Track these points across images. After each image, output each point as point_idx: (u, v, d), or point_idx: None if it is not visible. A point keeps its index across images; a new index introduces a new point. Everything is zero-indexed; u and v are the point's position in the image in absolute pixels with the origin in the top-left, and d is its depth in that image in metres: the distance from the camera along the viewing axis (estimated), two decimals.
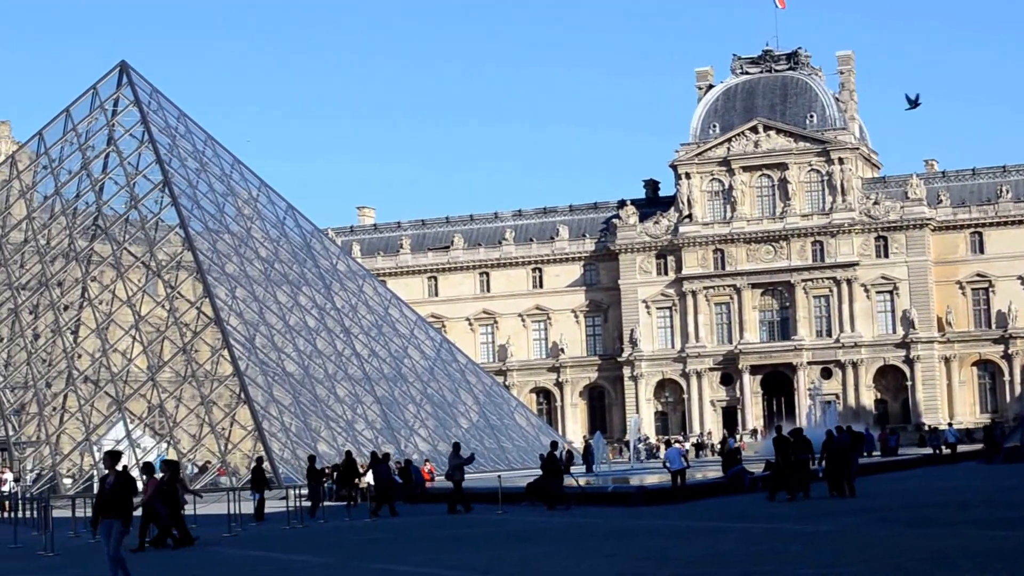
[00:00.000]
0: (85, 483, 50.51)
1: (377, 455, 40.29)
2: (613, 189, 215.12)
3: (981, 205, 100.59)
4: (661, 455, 60.31)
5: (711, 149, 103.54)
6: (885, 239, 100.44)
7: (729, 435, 78.02)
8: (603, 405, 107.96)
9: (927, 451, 65.99)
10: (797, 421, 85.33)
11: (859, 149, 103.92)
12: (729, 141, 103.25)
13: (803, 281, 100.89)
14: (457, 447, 38.66)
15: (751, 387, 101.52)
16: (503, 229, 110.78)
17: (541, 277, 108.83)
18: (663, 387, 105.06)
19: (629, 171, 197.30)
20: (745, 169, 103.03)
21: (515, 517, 32.97)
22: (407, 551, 25.28)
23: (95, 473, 48.52)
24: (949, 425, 78.82)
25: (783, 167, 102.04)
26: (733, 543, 23.22)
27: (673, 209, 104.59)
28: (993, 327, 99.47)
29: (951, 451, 63.47)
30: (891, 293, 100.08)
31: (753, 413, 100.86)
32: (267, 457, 45.93)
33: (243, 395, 50.79)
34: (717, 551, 22.02)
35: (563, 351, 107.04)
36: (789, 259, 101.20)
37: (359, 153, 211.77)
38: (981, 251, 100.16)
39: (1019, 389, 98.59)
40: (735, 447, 50.24)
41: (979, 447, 61.82)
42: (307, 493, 38.49)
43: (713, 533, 25.78)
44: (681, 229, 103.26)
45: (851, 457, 35.91)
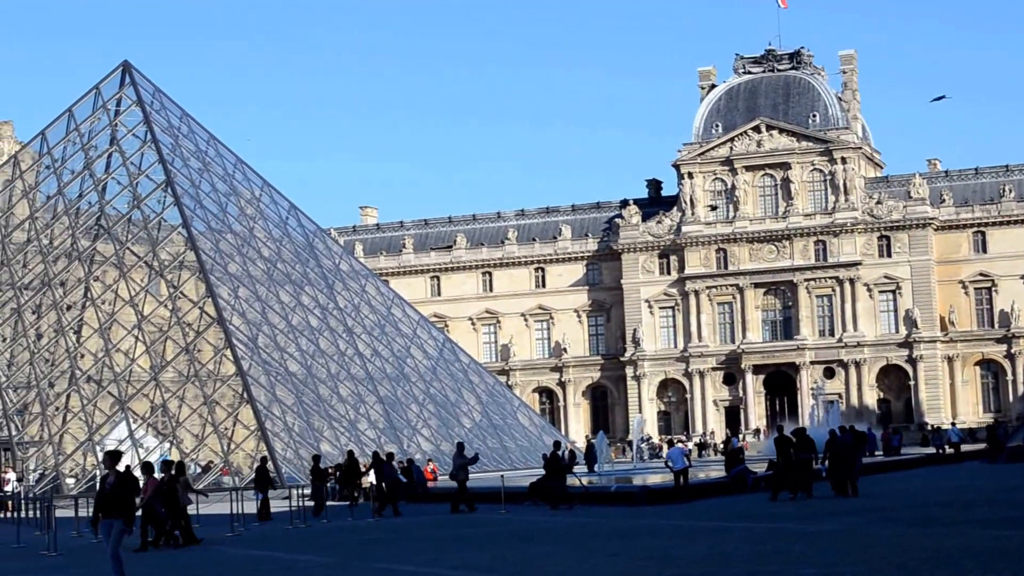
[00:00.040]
0: (88, 483, 50.53)
1: (379, 455, 40.29)
2: (616, 189, 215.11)
3: (984, 204, 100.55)
4: (664, 455, 60.25)
5: (714, 149, 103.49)
6: (888, 238, 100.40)
7: (732, 435, 78.03)
8: (606, 405, 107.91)
9: (930, 451, 65.91)
10: (800, 421, 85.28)
11: (862, 148, 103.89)
12: (732, 141, 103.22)
13: (806, 281, 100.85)
14: (461, 447, 38.64)
15: (754, 387, 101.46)
16: (506, 229, 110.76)
17: (544, 277, 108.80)
18: (666, 387, 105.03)
19: (632, 171, 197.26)
20: (748, 169, 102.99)
21: (518, 517, 32.97)
22: (410, 551, 25.28)
23: (98, 473, 48.52)
24: (952, 425, 78.75)
25: (786, 167, 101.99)
26: (736, 543, 23.22)
27: (676, 209, 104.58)
28: (996, 327, 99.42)
29: (954, 451, 63.34)
30: (894, 293, 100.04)
31: (756, 413, 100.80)
32: (270, 457, 45.93)
33: (246, 395, 50.80)
34: (720, 551, 22.02)
35: (566, 351, 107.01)
36: (792, 259, 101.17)
37: (362, 153, 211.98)
38: (984, 251, 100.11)
39: (1022, 389, 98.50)
40: (738, 447, 50.18)
41: (982, 447, 61.75)
42: (310, 493, 38.49)
43: (716, 533, 25.78)
44: (684, 229, 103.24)
45: (854, 457, 35.91)
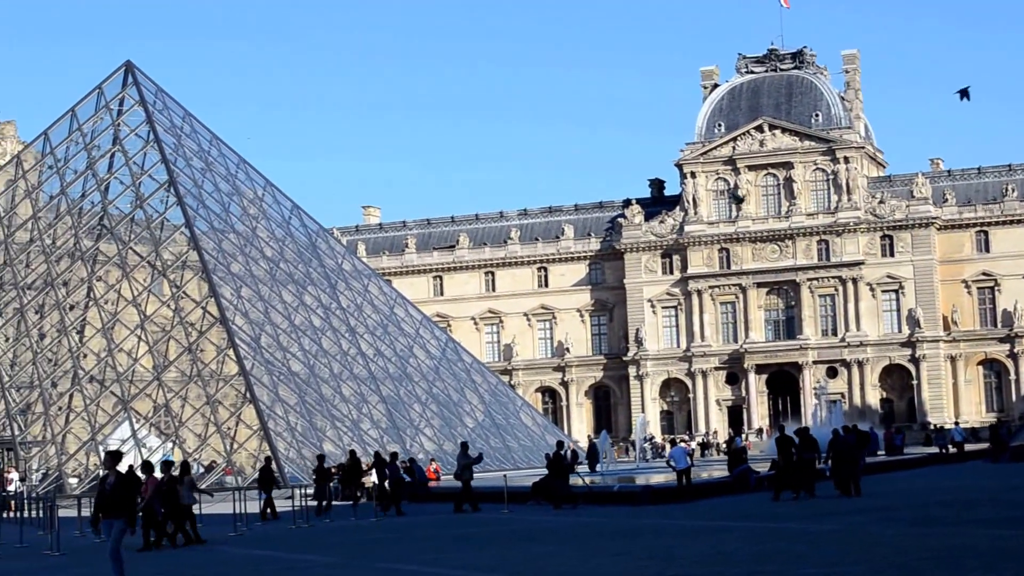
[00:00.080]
0: (91, 483, 50.50)
1: (381, 455, 40.28)
2: (618, 188, 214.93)
3: (987, 204, 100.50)
4: (666, 454, 60.24)
5: (716, 148, 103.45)
6: (891, 238, 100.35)
7: (735, 435, 77.95)
8: (609, 404, 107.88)
9: (933, 450, 65.88)
10: (803, 420, 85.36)
11: (864, 148, 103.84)
12: (734, 140, 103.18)
13: (809, 280, 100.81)
14: (465, 446, 38.64)
15: (757, 386, 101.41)
16: (508, 228, 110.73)
17: (546, 276, 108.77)
18: (668, 386, 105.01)
19: (634, 170, 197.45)
20: (750, 168, 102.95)
21: (521, 516, 32.97)
22: (412, 550, 25.28)
23: (100, 473, 48.55)
24: (956, 424, 78.68)
25: (788, 166, 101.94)
26: (738, 542, 23.21)
27: (678, 208, 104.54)
28: (999, 326, 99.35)
29: (957, 450, 63.27)
30: (897, 292, 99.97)
31: (759, 412, 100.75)
32: (273, 456, 45.93)
33: (248, 395, 50.83)
34: (722, 550, 22.01)
35: (568, 350, 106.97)
36: (794, 258, 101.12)
37: (364, 153, 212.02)
38: (987, 250, 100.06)
39: None
40: (741, 446, 50.16)
41: (985, 446, 61.69)
42: (313, 492, 38.48)
43: (718, 532, 25.77)
44: (686, 228, 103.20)
45: (857, 456, 35.89)
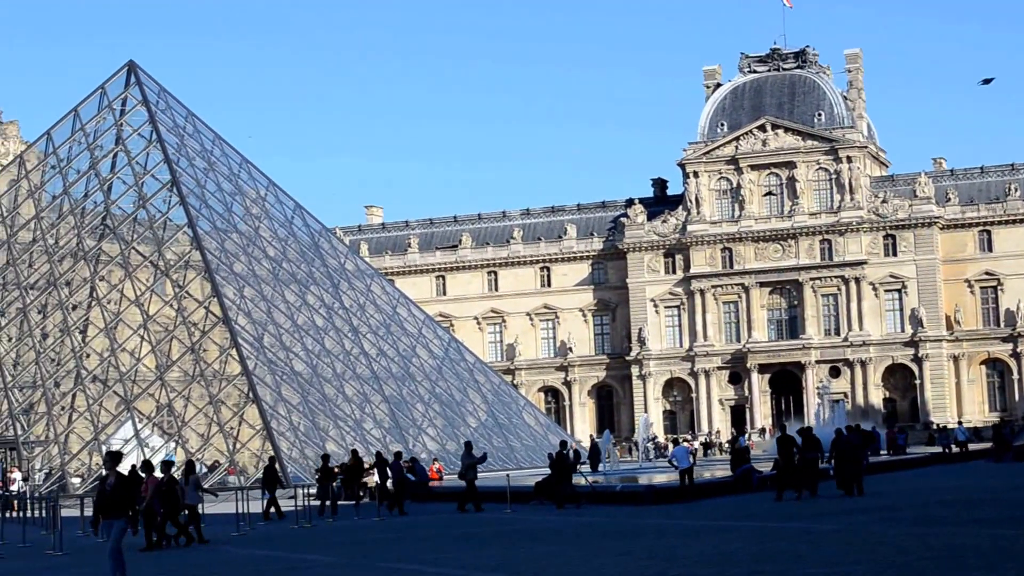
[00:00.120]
0: (93, 483, 50.52)
1: (382, 455, 40.27)
2: (621, 188, 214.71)
3: (989, 203, 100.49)
4: (669, 454, 60.25)
5: (719, 148, 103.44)
6: (893, 237, 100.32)
7: (738, 434, 77.97)
8: (611, 404, 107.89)
9: (936, 450, 65.81)
10: (805, 420, 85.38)
11: (867, 147, 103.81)
12: (737, 140, 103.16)
13: (811, 280, 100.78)
14: (469, 446, 38.62)
15: (759, 386, 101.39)
16: (511, 228, 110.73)
17: (549, 276, 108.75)
18: (671, 386, 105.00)
19: (637, 170, 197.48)
20: (753, 168, 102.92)
21: (524, 516, 32.97)
22: (415, 550, 25.27)
23: (102, 473, 48.57)
24: (959, 424, 78.61)
25: (791, 166, 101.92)
26: (741, 542, 23.20)
27: (681, 208, 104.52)
28: (1002, 325, 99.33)
29: (960, 450, 63.21)
30: (899, 292, 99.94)
31: (761, 412, 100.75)
32: (276, 456, 45.94)
33: (251, 394, 50.86)
34: (725, 550, 21.99)
35: (571, 350, 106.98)
36: (797, 258, 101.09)
37: (367, 152, 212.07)
38: (989, 249, 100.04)
39: None
40: (744, 446, 50.16)
41: (988, 446, 61.66)
42: (316, 492, 38.46)
43: (721, 532, 25.75)
44: (689, 228, 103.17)
45: (860, 456, 35.87)
